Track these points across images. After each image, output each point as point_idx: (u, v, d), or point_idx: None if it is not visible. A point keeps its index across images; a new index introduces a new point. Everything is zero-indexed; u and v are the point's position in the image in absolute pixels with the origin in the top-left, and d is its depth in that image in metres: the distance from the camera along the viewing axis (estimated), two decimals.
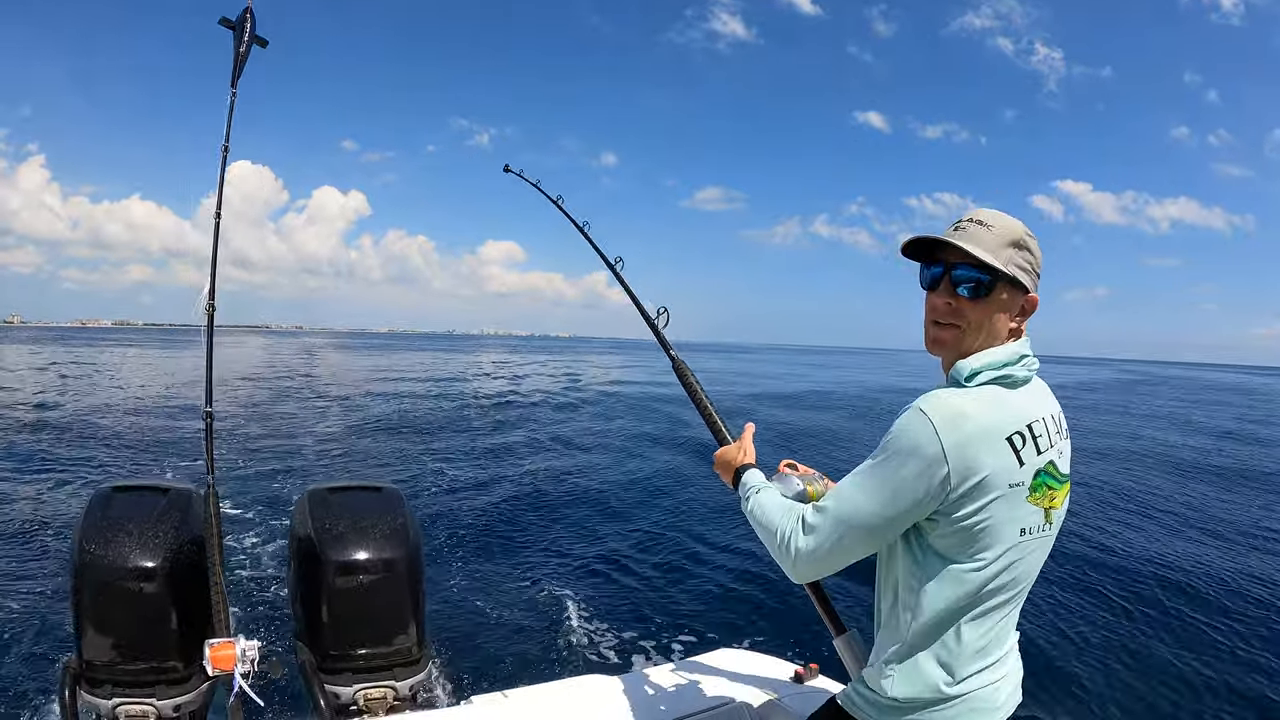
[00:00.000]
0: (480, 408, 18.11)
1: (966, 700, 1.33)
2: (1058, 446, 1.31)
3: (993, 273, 1.28)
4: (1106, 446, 14.19)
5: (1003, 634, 1.36)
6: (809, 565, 1.36)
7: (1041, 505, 1.29)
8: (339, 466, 9.90)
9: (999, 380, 1.28)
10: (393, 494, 3.11)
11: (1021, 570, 1.31)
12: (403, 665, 2.78)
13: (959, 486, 1.21)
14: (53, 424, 11.80)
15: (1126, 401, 29.19)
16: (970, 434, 1.21)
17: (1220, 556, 7.09)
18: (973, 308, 1.31)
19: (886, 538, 1.33)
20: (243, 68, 2.71)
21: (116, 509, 2.59)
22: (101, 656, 2.43)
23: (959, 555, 1.27)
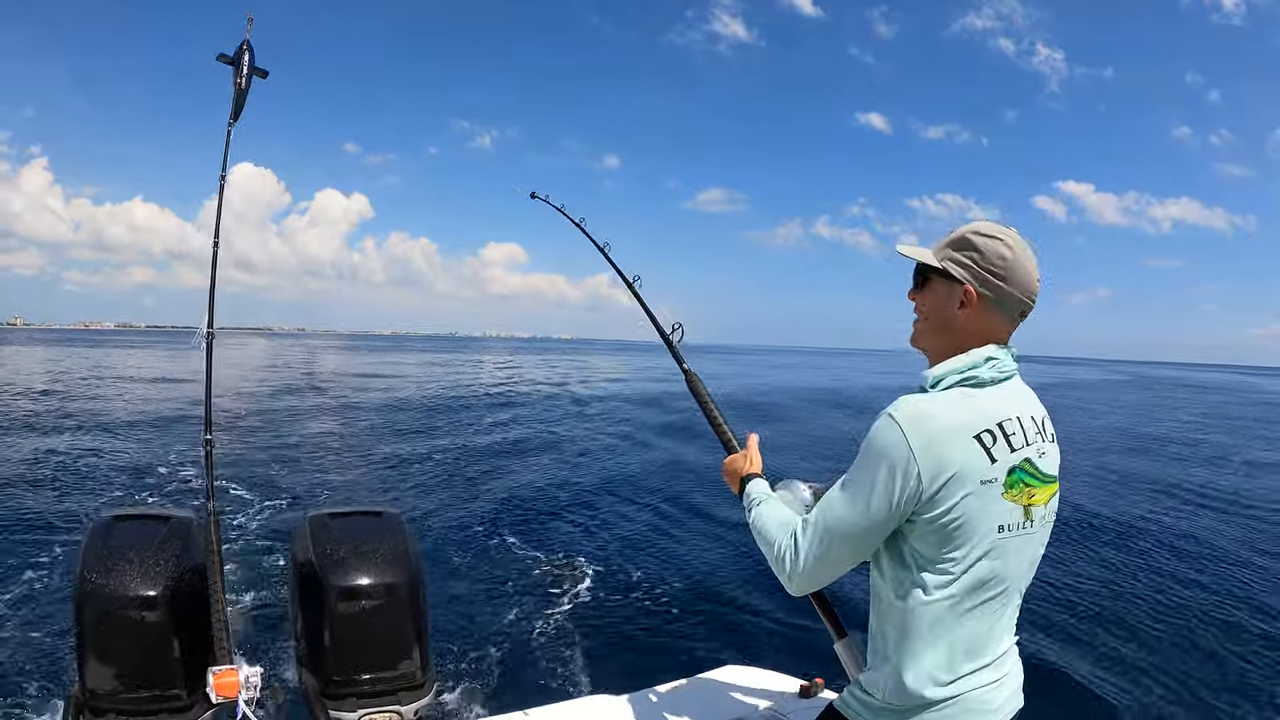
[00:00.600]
0: (481, 415, 18.07)
1: (960, 702, 1.34)
2: (1036, 446, 1.35)
3: (926, 267, 1.45)
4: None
5: (996, 634, 1.38)
6: (802, 579, 1.43)
7: (1020, 502, 1.33)
8: (340, 485, 9.85)
9: (964, 383, 1.35)
10: (393, 518, 3.11)
11: (1006, 568, 1.34)
12: (407, 689, 2.76)
13: (931, 485, 1.27)
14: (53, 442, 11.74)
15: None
16: (936, 433, 1.28)
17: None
18: (918, 297, 1.49)
19: (871, 544, 1.37)
20: (244, 102, 2.73)
21: (117, 538, 2.59)
22: (105, 685, 2.42)
23: (939, 554, 1.31)
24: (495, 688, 4.21)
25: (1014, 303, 1.40)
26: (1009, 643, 1.42)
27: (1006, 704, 1.40)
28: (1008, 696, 1.40)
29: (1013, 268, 1.38)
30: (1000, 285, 1.38)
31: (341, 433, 14.80)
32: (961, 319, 1.41)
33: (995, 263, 1.38)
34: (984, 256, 1.38)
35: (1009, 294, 1.39)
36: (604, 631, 5.16)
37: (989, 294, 1.39)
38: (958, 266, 1.40)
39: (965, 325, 1.41)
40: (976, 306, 1.39)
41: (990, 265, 1.38)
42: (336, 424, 16.04)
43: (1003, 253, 1.38)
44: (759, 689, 2.39)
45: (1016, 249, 1.38)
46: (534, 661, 4.61)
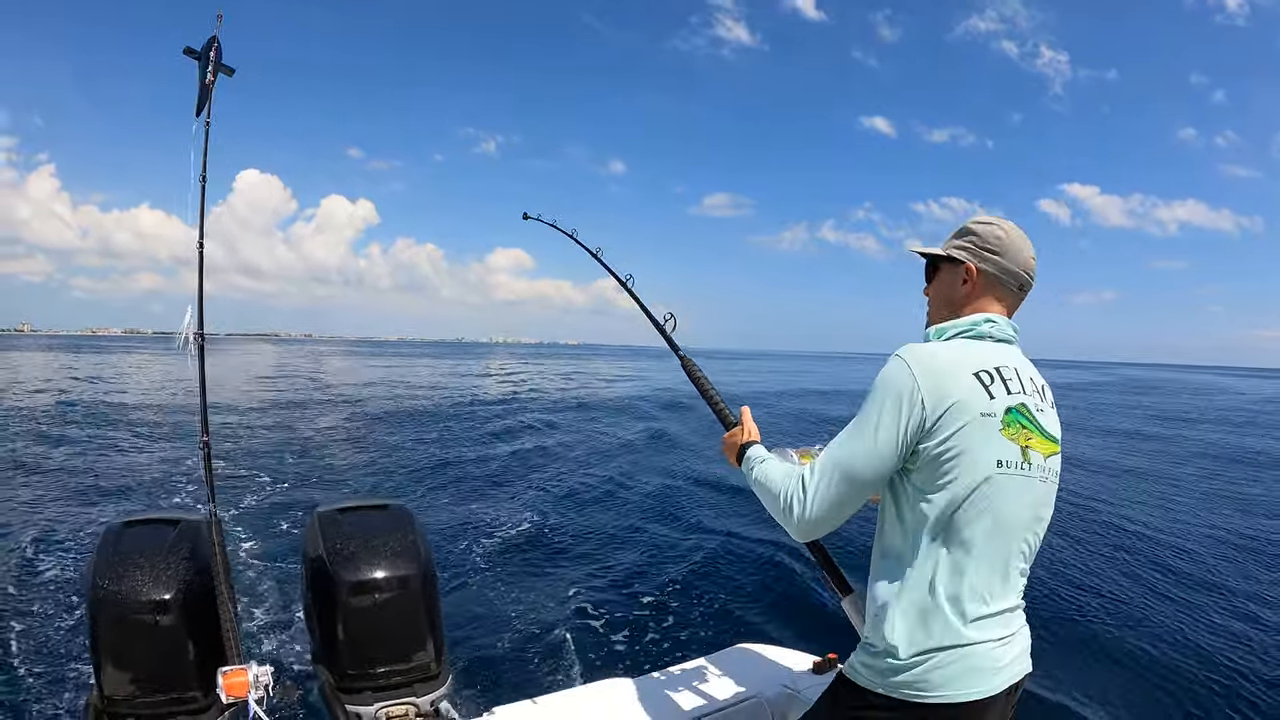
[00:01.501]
0: (488, 416, 18.07)
1: (964, 654, 1.34)
2: (1034, 400, 1.44)
3: (935, 257, 1.61)
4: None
5: (1000, 586, 1.39)
6: (812, 518, 1.45)
7: (1017, 442, 1.39)
8: (348, 481, 9.86)
9: (963, 334, 1.50)
10: (401, 511, 3.12)
11: (1006, 510, 1.37)
12: (422, 681, 2.78)
13: (934, 411, 1.35)
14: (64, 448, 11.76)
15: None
16: (938, 367, 1.38)
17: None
18: (930, 288, 1.64)
19: (879, 476, 1.40)
20: (209, 96, 2.69)
21: (128, 543, 2.61)
22: (121, 691, 2.44)
23: (938, 484, 1.36)
24: (510, 675, 4.22)
25: (1011, 275, 1.53)
26: (1015, 601, 1.43)
27: (1013, 664, 1.41)
28: (1015, 656, 1.41)
29: (1007, 245, 1.53)
30: (997, 259, 1.52)
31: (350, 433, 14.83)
32: (965, 293, 1.55)
33: (991, 242, 1.53)
34: (981, 238, 1.54)
35: (1006, 267, 1.53)
36: (617, 615, 5.18)
37: (988, 268, 1.53)
38: (960, 250, 1.56)
39: (969, 298, 1.55)
40: (978, 280, 1.53)
41: (987, 244, 1.54)
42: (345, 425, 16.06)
43: (997, 234, 1.54)
44: (772, 666, 2.40)
45: (1010, 230, 1.54)
46: (548, 647, 4.62)
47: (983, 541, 1.35)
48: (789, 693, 2.24)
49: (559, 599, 5.47)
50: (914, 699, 1.35)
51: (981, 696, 1.35)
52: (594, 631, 4.93)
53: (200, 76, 2.67)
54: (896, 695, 1.37)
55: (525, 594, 5.56)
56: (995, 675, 1.36)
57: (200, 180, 2.66)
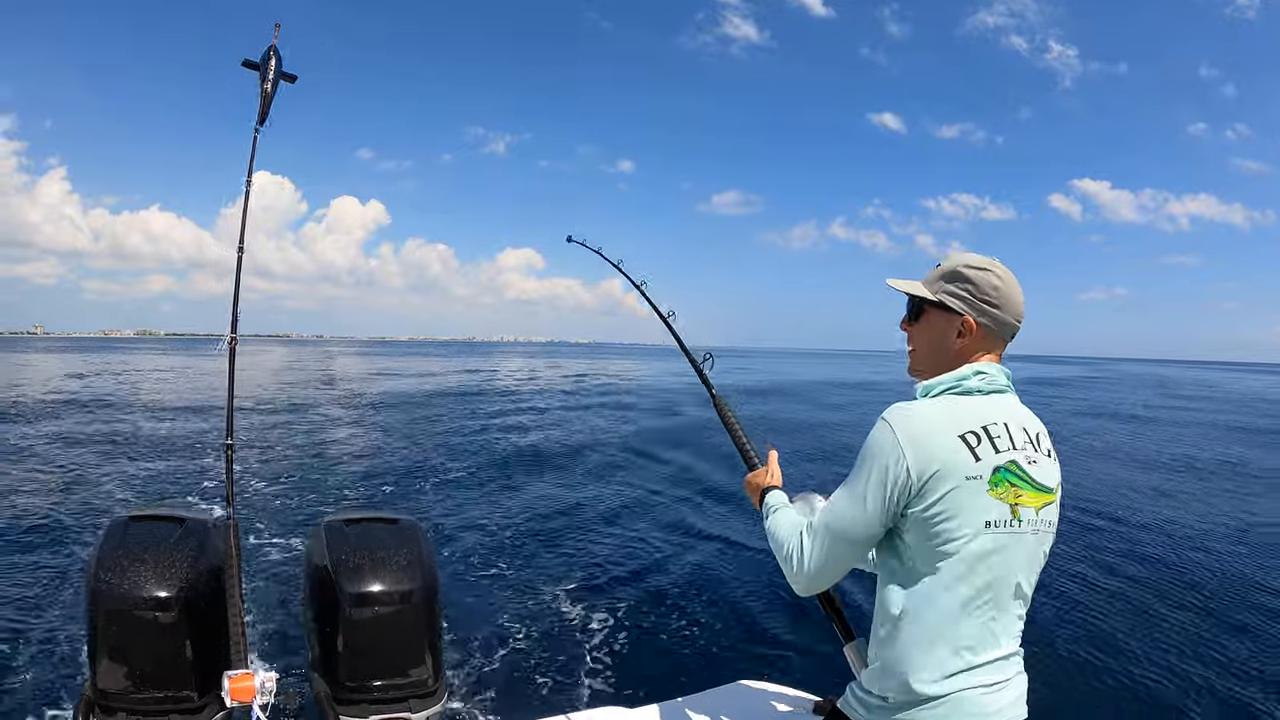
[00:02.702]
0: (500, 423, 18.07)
1: (953, 701, 1.36)
2: (1025, 453, 1.42)
3: (922, 300, 1.56)
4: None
5: (993, 636, 1.40)
6: (807, 578, 1.51)
7: (1006, 500, 1.38)
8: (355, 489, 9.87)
9: (951, 391, 1.46)
10: (410, 526, 3.10)
11: (998, 565, 1.38)
12: (419, 697, 2.74)
13: (919, 478, 1.35)
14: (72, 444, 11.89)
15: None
16: (922, 431, 1.38)
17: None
18: (913, 329, 1.60)
19: (868, 541, 1.45)
20: (269, 106, 2.75)
21: (132, 538, 2.60)
22: (115, 685, 2.42)
23: (930, 546, 1.37)
24: (506, 697, 4.17)
25: (1007, 327, 1.52)
26: (1010, 649, 1.43)
27: (1006, 710, 1.41)
28: (1008, 704, 1.41)
29: (1005, 296, 1.50)
30: (996, 312, 1.50)
31: (358, 437, 14.89)
32: (959, 347, 1.52)
33: (989, 292, 1.50)
34: (978, 288, 1.50)
35: (1003, 320, 1.51)
36: (618, 644, 5.11)
37: (986, 322, 1.50)
38: (954, 299, 1.52)
39: (962, 352, 1.52)
40: (975, 335, 1.51)
41: (985, 295, 1.50)
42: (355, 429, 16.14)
43: (994, 283, 1.50)
44: (773, 704, 2.35)
45: (1005, 277, 1.51)
46: (546, 672, 4.57)
47: (973, 597, 1.37)
48: None
49: (560, 623, 5.41)
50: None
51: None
52: (593, 659, 4.86)
53: (261, 85, 2.74)
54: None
55: (526, 614, 5.51)
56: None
57: (246, 185, 2.72)
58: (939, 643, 1.37)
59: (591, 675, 4.61)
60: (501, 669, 4.54)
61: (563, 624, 5.38)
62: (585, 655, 4.89)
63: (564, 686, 4.42)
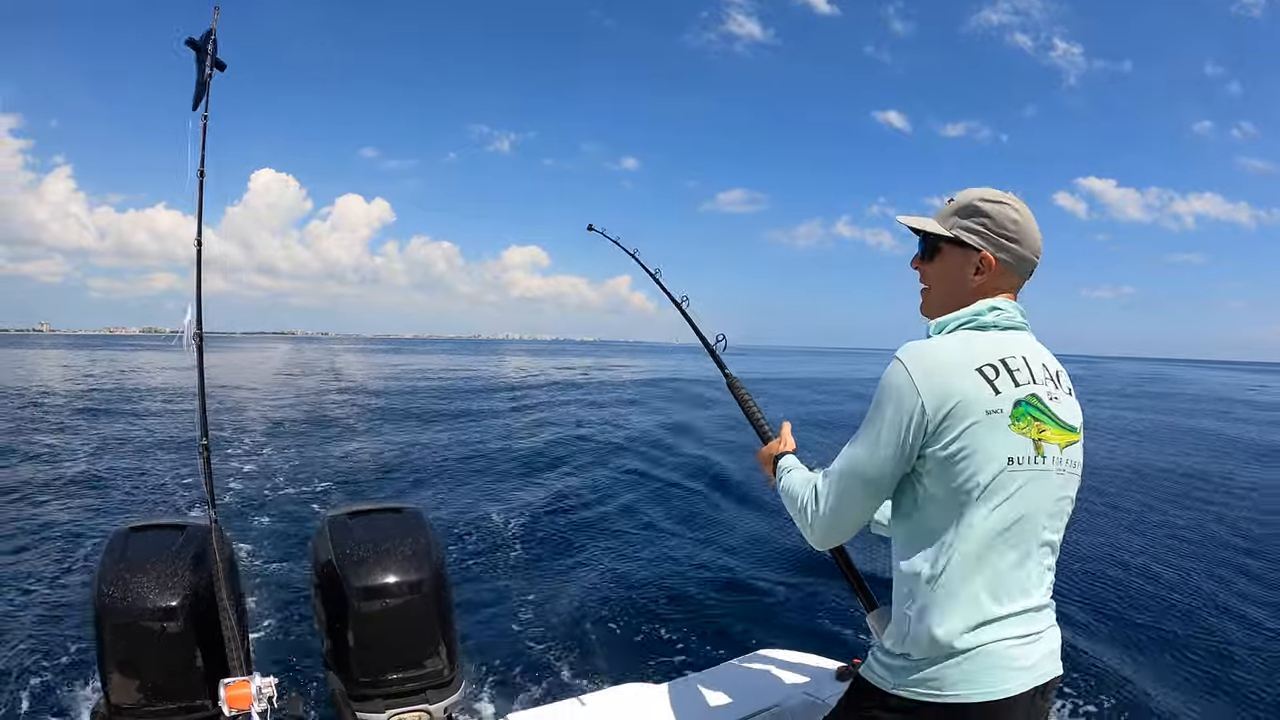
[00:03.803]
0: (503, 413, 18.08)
1: (983, 653, 1.29)
2: (1046, 388, 1.36)
3: (936, 237, 1.49)
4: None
5: (1022, 583, 1.33)
6: (823, 527, 1.47)
7: (1029, 435, 1.32)
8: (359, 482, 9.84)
9: (966, 326, 1.41)
10: (413, 514, 3.06)
11: (1022, 505, 1.31)
12: (435, 687, 2.72)
13: (936, 414, 1.29)
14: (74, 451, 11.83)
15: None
16: (937, 366, 1.32)
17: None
18: (927, 267, 1.53)
19: (885, 483, 1.38)
20: (205, 91, 2.65)
21: (134, 549, 2.57)
22: (128, 699, 2.40)
23: (951, 488, 1.31)
24: (527, 681, 4.15)
25: (1026, 263, 1.46)
26: (1041, 598, 1.36)
27: (1040, 664, 1.34)
28: (1042, 657, 1.34)
29: (1023, 230, 1.44)
30: (1015, 248, 1.44)
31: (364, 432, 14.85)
32: (977, 284, 1.46)
33: (1009, 226, 1.44)
34: (995, 222, 1.44)
35: (1023, 255, 1.45)
36: (635, 619, 5.10)
37: (1005, 258, 1.44)
38: (971, 234, 1.45)
39: (980, 290, 1.46)
40: (995, 271, 1.44)
41: (1004, 229, 1.44)
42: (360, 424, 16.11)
43: (1013, 216, 1.44)
44: (795, 673, 2.32)
45: (1023, 211, 1.45)
46: (564, 652, 4.55)
47: (999, 540, 1.30)
48: (811, 700, 2.16)
49: (576, 602, 5.40)
50: (928, 699, 1.31)
51: (999, 697, 1.29)
52: (612, 635, 4.85)
53: (198, 70, 2.63)
54: (910, 695, 1.33)
55: (541, 596, 5.49)
56: (1016, 675, 1.30)
57: (198, 175, 2.62)
58: (963, 593, 1.30)
59: (611, 653, 4.59)
60: (519, 654, 4.52)
61: (579, 604, 5.35)
62: (602, 633, 4.88)
63: (584, 666, 4.39)
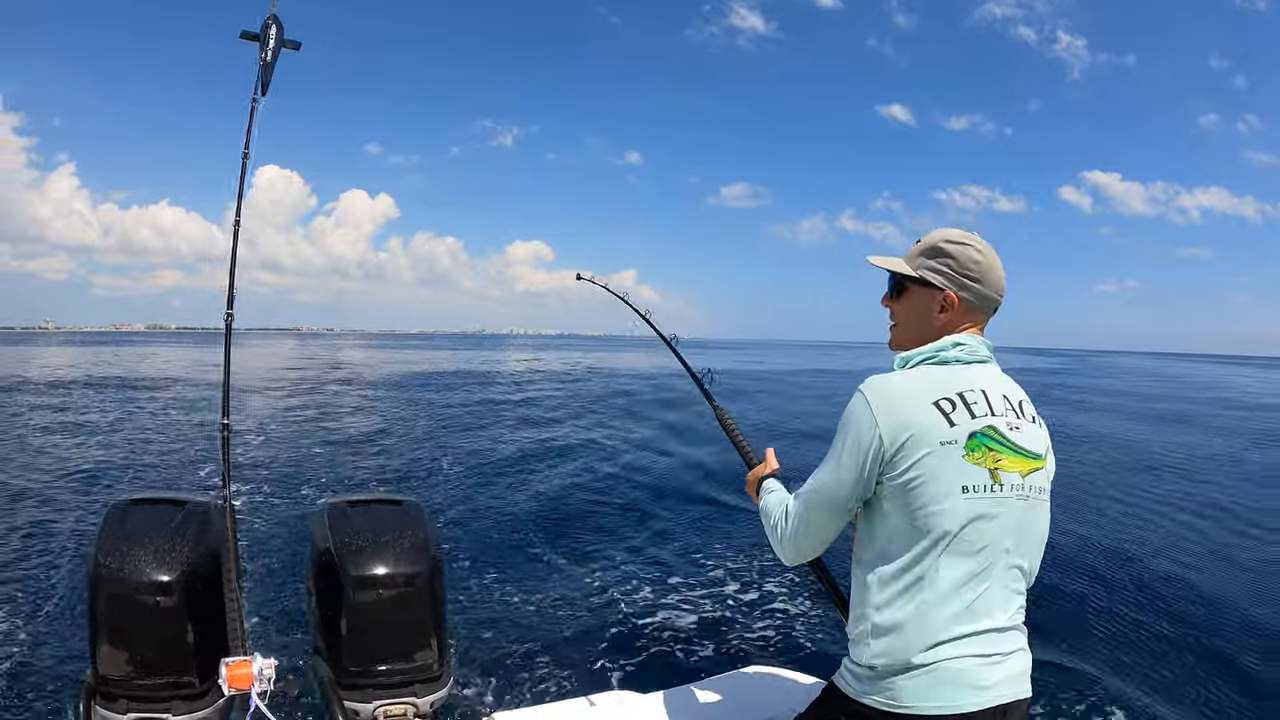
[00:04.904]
0: (507, 410, 18.08)
1: (936, 670, 1.35)
2: (1005, 419, 1.43)
3: (903, 276, 1.58)
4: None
5: (984, 606, 1.38)
6: (790, 546, 1.58)
7: (984, 465, 1.39)
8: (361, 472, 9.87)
9: (928, 361, 1.49)
10: (414, 507, 3.06)
11: (982, 533, 1.37)
12: (424, 682, 2.71)
13: (892, 445, 1.38)
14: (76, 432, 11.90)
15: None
16: (895, 398, 1.41)
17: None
18: (895, 305, 1.63)
19: (845, 508, 1.48)
20: (270, 76, 2.68)
21: (132, 522, 2.56)
22: (117, 671, 2.39)
23: (907, 514, 1.38)
24: (513, 682, 4.14)
25: (989, 301, 1.54)
26: (1005, 621, 1.41)
27: (1001, 686, 1.38)
28: (1006, 678, 1.39)
29: (986, 270, 1.52)
30: (977, 287, 1.52)
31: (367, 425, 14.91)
32: (941, 322, 1.54)
33: (970, 267, 1.52)
34: (959, 262, 1.52)
35: (985, 295, 1.53)
36: (628, 627, 5.08)
37: (968, 296, 1.53)
38: (935, 274, 1.54)
39: (945, 327, 1.54)
40: (958, 309, 1.53)
41: (967, 270, 1.52)
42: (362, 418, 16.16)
43: (975, 257, 1.52)
44: (784, 691, 2.32)
45: (986, 252, 1.53)
46: (554, 656, 4.53)
47: (954, 563, 1.37)
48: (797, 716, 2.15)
49: (569, 604, 5.39)
50: (886, 709, 1.39)
51: (954, 713, 1.35)
52: (603, 643, 4.83)
53: (261, 55, 2.66)
54: (872, 704, 1.41)
55: (535, 598, 5.48)
56: (974, 694, 1.35)
57: (243, 157, 2.65)
58: (920, 612, 1.37)
59: (600, 660, 4.58)
60: (508, 653, 4.50)
61: (570, 608, 5.34)
62: (594, 640, 4.86)
63: (572, 671, 4.38)
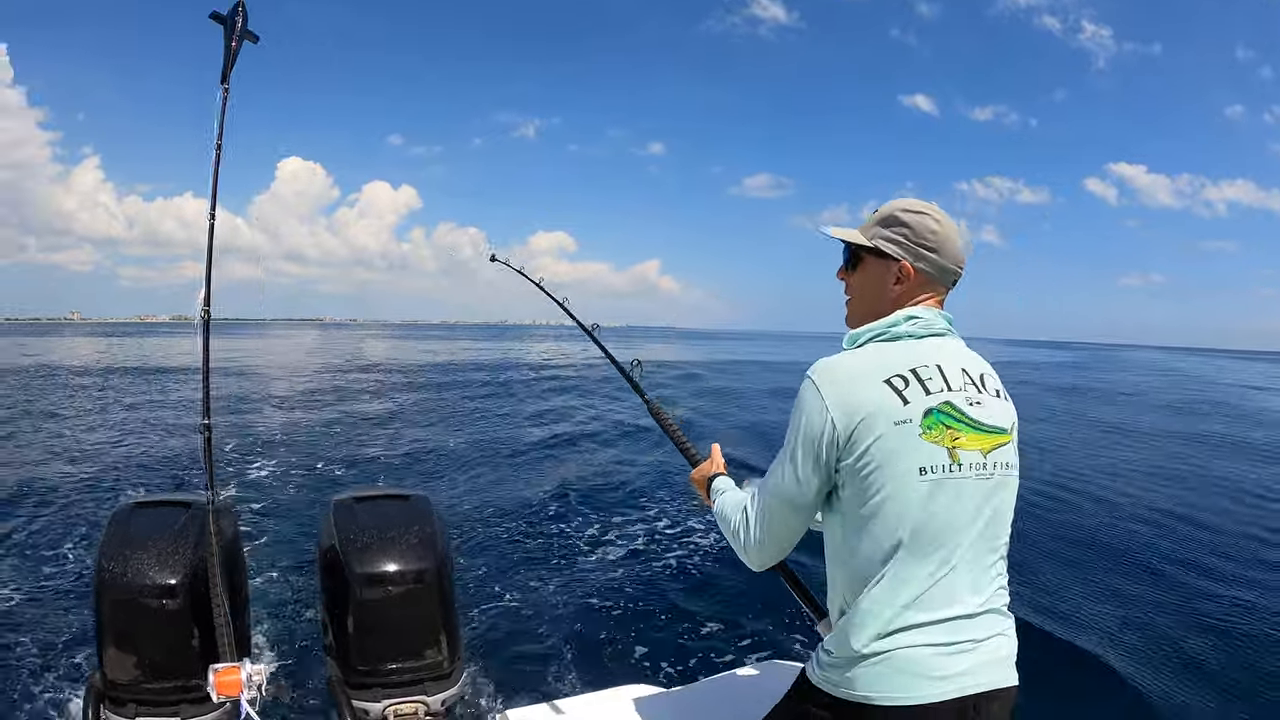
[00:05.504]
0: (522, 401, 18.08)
1: (891, 659, 1.30)
2: (964, 394, 1.37)
3: (858, 247, 1.52)
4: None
5: (946, 591, 1.32)
6: (756, 550, 1.50)
7: (942, 444, 1.32)
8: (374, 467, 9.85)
9: (878, 338, 1.43)
10: (421, 501, 3.03)
11: (941, 515, 1.31)
12: (434, 679, 2.69)
13: (846, 429, 1.32)
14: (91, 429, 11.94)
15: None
16: (844, 380, 1.36)
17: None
18: (850, 278, 1.56)
19: (807, 502, 1.41)
20: (233, 64, 2.62)
21: (136, 525, 2.56)
22: (124, 675, 2.39)
23: (864, 499, 1.33)
24: (526, 677, 4.10)
25: (947, 273, 1.48)
26: (975, 606, 1.34)
27: (971, 674, 1.31)
28: (976, 666, 1.32)
29: (943, 240, 1.46)
30: (933, 257, 1.46)
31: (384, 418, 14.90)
32: (896, 294, 1.48)
33: (927, 237, 1.46)
34: (915, 232, 1.46)
35: (943, 265, 1.47)
36: (641, 620, 5.03)
37: (924, 267, 1.46)
38: (890, 244, 1.47)
39: (900, 299, 1.48)
40: (913, 281, 1.47)
41: (923, 239, 1.46)
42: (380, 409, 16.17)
43: (932, 226, 1.46)
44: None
45: (944, 221, 1.47)
46: (566, 651, 4.50)
47: (914, 550, 1.31)
48: None
49: (583, 599, 5.34)
50: (844, 697, 1.35)
51: (910, 703, 1.29)
52: (616, 637, 4.78)
53: (226, 41, 2.60)
54: (834, 693, 1.37)
55: (547, 591, 5.44)
56: (932, 684, 1.29)
57: (215, 149, 2.60)
58: (876, 599, 1.32)
59: (613, 654, 4.54)
60: (520, 648, 4.47)
61: (583, 603, 5.29)
62: (606, 633, 4.82)
63: (586, 665, 4.34)
